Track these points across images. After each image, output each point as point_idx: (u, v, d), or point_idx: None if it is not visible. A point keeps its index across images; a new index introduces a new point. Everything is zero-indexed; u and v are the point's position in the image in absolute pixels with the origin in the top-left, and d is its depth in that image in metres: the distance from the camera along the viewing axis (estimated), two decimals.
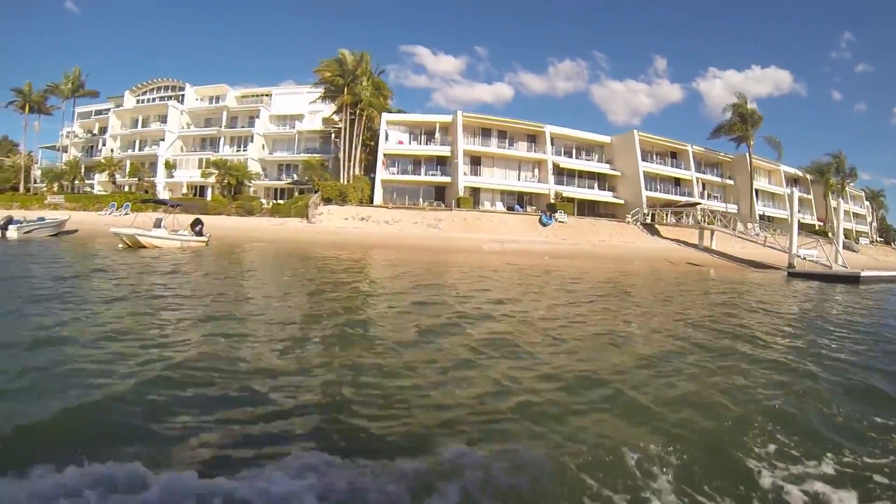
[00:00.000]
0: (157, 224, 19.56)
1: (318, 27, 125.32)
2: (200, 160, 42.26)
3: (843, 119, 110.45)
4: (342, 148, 33.79)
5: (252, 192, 39.49)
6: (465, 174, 34.27)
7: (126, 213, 33.49)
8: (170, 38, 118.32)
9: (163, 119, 44.35)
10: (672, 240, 30.75)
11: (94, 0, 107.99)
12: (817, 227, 38.84)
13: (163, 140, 43.26)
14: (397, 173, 35.38)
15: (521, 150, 36.95)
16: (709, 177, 39.09)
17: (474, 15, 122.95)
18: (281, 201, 37.76)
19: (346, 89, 33.14)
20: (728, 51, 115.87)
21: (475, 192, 35.00)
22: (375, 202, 33.32)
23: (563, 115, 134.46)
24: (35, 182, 49.97)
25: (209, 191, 41.24)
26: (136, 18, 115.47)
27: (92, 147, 47.98)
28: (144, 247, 17.42)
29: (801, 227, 25.02)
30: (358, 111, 33.91)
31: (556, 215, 30.95)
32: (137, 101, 48.12)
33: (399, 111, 39.34)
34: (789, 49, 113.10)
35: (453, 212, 30.91)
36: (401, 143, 36.43)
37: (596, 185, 37.68)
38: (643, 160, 36.50)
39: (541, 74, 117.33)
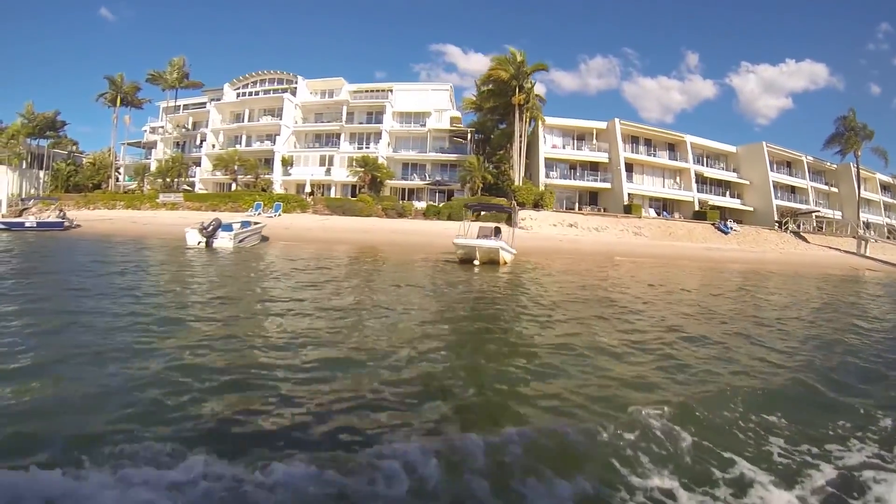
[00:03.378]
0: None
1: (343, 26, 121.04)
2: (322, 157, 40.35)
3: (883, 113, 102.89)
4: (517, 150, 33.55)
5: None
6: (626, 181, 35.31)
7: (278, 215, 31.57)
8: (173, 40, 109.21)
9: (276, 113, 41.72)
10: (824, 247, 33.51)
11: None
12: None
13: (277, 135, 40.79)
14: (557, 178, 35.77)
15: (663, 157, 38.44)
16: (818, 185, 42.56)
17: (505, 13, 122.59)
18: (417, 203, 36.93)
19: (517, 89, 32.87)
20: (761, 45, 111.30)
21: (629, 198, 36.13)
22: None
23: (595, 112, 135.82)
24: (117, 180, 45.77)
25: (333, 189, 39.58)
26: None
27: (185, 143, 44.13)
28: (494, 262, 14.45)
29: None
30: (527, 113, 33.84)
31: (731, 224, 32.79)
32: (237, 95, 44.90)
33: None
34: (824, 42, 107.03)
35: (642, 219, 31.96)
36: (555, 146, 36.77)
37: (729, 193, 39.98)
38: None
39: (572, 72, 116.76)
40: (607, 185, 36.06)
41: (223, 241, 17.18)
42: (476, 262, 14.40)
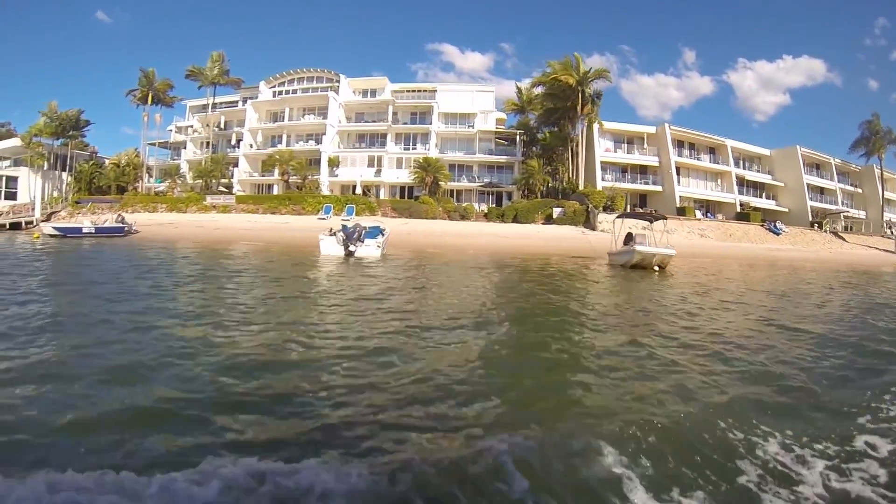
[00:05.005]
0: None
1: (337, 25, 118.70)
2: (371, 157, 39.99)
3: (882, 108, 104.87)
4: (579, 153, 34.11)
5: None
6: (677, 184, 36.35)
7: (350, 218, 30.58)
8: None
9: (318, 112, 41.05)
10: (863, 246, 35.34)
11: None
12: None
13: (322, 134, 40.18)
14: (611, 180, 36.52)
15: (705, 161, 39.67)
16: (844, 186, 44.64)
17: (502, 10, 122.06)
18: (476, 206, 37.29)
19: (580, 94, 33.35)
20: (758, 41, 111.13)
21: (680, 200, 37.24)
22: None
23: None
24: (141, 180, 44.27)
25: (382, 191, 39.32)
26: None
27: (216, 143, 42.87)
28: (664, 266, 15.28)
29: None
30: (586, 117, 34.41)
31: (780, 225, 34.21)
32: (273, 94, 43.88)
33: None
34: (821, 37, 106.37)
35: (702, 221, 33.05)
36: (608, 150, 37.48)
37: (764, 194, 41.58)
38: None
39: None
40: (658, 188, 37.05)
41: (370, 250, 15.25)
42: (656, 269, 15.37)
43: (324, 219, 29.73)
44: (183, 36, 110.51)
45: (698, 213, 37.80)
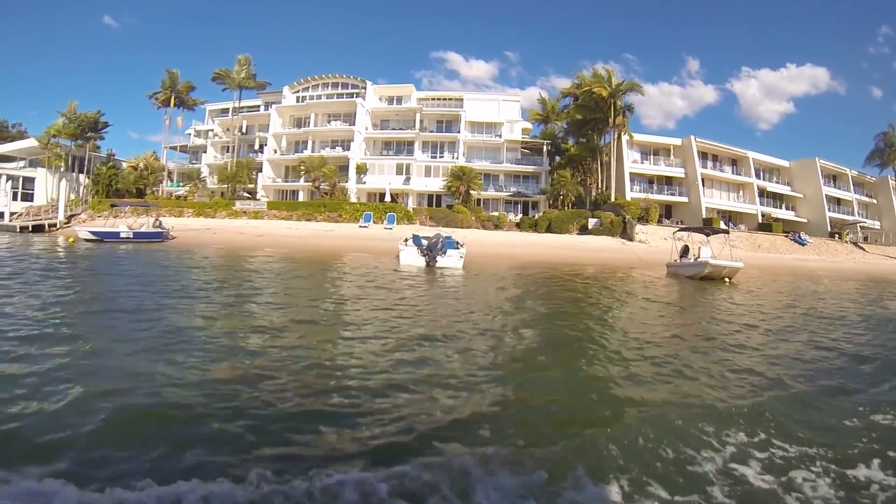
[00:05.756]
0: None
1: (341, 32, 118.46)
2: (399, 165, 40.01)
3: (886, 117, 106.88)
4: (611, 164, 34.54)
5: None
6: (703, 196, 36.95)
7: (391, 227, 30.13)
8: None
9: (343, 118, 41.02)
10: (883, 256, 36.20)
11: None
12: None
13: (350, 141, 40.12)
14: (639, 191, 37.00)
15: (727, 172, 40.36)
16: (860, 197, 45.65)
17: (505, 20, 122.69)
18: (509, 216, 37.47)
19: (613, 106, 33.78)
20: (761, 49, 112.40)
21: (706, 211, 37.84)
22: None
23: None
24: (159, 184, 43.86)
25: (410, 199, 39.37)
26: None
27: (238, 147, 42.42)
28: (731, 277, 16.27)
29: None
30: (616, 128, 34.86)
31: (805, 236, 34.96)
32: (297, 99, 43.72)
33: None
34: (825, 46, 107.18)
35: (731, 232, 33.55)
36: (635, 161, 37.97)
37: (783, 205, 42.41)
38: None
39: (573, 79, 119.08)
40: (683, 199, 37.63)
41: (453, 261, 15.11)
42: (726, 280, 16.23)
43: (365, 227, 29.65)
44: (185, 41, 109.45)
45: (722, 224, 38.51)
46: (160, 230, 24.70)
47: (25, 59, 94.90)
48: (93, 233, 23.01)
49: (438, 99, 43.52)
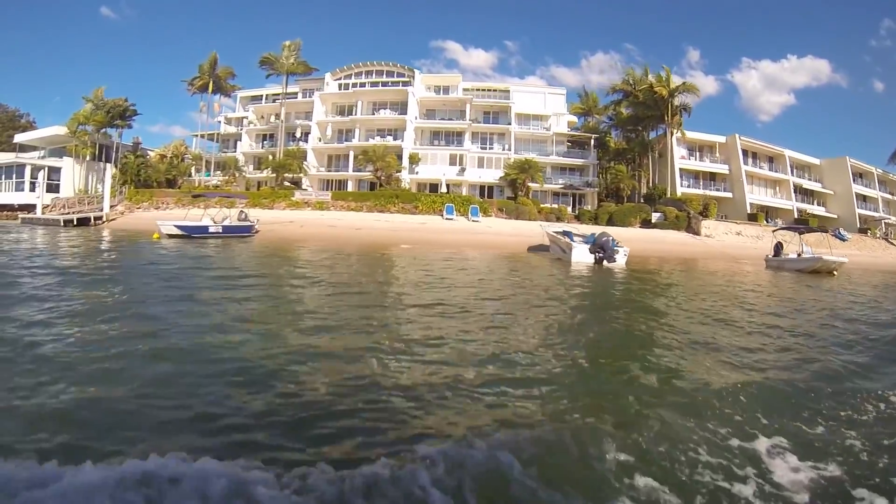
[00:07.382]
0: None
1: (339, 21, 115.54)
2: (453, 156, 39.78)
3: (888, 109, 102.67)
4: (666, 159, 35.34)
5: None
6: (749, 192, 38.26)
7: (477, 220, 29.61)
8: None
9: (391, 106, 40.43)
10: None
11: None
12: None
13: (401, 130, 39.70)
14: (687, 187, 37.98)
15: (764, 169, 41.83)
16: (885, 194, 47.94)
17: (505, 9, 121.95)
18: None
19: (669, 105, 34.49)
20: (762, 40, 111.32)
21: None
22: None
23: None
24: (190, 175, 42.45)
25: (464, 190, 39.11)
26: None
27: (281, 136, 41.23)
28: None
29: None
30: (669, 126, 35.63)
31: (844, 231, 36.65)
32: (339, 87, 42.82)
33: None
34: (826, 38, 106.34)
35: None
36: (683, 157, 38.89)
37: (815, 202, 44.27)
38: None
39: (573, 68, 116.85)
40: (727, 195, 38.85)
41: (621, 259, 15.31)
42: (835, 273, 17.65)
43: (451, 219, 29.29)
44: (183, 33, 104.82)
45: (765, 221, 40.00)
46: (249, 223, 23.15)
47: (24, 52, 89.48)
48: (179, 227, 20.40)
49: (485, 90, 43.33)
